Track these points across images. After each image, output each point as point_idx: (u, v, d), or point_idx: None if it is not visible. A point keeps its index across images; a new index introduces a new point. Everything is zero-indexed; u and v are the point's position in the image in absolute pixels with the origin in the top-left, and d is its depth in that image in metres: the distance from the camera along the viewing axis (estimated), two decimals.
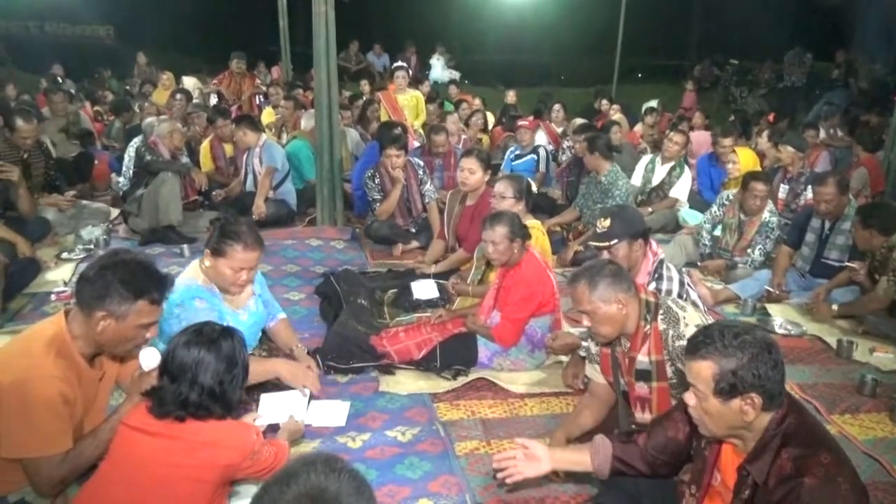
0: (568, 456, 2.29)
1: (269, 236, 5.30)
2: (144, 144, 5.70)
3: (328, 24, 5.29)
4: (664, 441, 2.11)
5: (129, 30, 14.82)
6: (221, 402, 2.03)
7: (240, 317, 2.90)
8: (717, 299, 4.53)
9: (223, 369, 2.02)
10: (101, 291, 2.06)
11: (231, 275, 2.77)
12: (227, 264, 2.75)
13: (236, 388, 2.07)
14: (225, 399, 2.04)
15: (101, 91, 10.93)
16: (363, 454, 2.73)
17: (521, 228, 3.39)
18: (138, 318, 2.11)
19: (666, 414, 2.20)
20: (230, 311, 2.87)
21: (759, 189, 4.76)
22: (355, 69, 13.95)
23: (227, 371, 2.03)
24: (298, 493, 1.18)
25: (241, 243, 2.74)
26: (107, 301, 2.06)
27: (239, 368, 2.08)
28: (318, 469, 1.20)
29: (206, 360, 2.01)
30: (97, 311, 2.06)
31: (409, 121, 7.66)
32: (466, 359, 3.43)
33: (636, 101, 11.42)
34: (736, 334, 1.76)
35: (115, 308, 2.07)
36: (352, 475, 1.23)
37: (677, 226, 6.00)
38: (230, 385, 2.04)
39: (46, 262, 4.60)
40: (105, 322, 2.07)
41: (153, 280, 2.15)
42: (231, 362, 2.05)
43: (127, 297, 2.07)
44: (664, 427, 2.12)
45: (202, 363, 2.00)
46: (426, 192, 5.42)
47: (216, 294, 2.82)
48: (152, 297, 2.12)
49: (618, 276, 2.47)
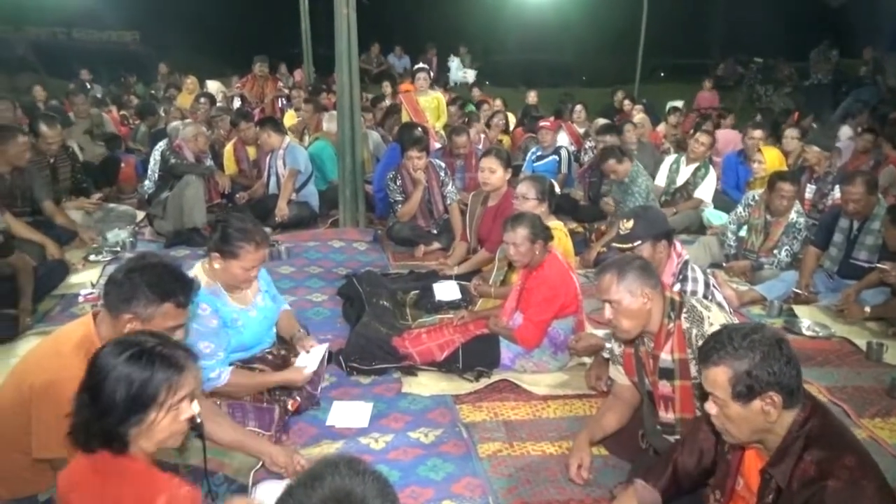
0: None
1: (292, 238, 5.37)
2: (169, 148, 5.78)
3: (350, 26, 5.32)
4: (695, 463, 2.08)
5: (154, 35, 15.06)
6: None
7: (249, 313, 2.91)
8: (742, 301, 4.47)
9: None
10: (127, 294, 2.09)
11: (243, 274, 2.79)
12: (239, 265, 2.76)
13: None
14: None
15: (127, 95, 11.11)
16: (386, 455, 2.73)
17: (542, 230, 3.38)
18: (164, 321, 2.12)
19: (695, 426, 2.18)
20: (238, 308, 2.87)
21: (785, 190, 4.69)
22: (377, 71, 14.01)
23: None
24: (324, 496, 1.17)
25: (252, 243, 2.75)
26: (133, 304, 2.08)
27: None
28: (342, 472, 1.20)
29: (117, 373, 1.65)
30: (124, 314, 2.09)
31: (431, 122, 7.67)
32: (489, 360, 3.42)
33: (659, 100, 11.33)
34: (744, 335, 1.74)
35: (141, 310, 2.09)
36: (376, 477, 1.23)
37: (701, 226, 5.93)
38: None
39: (74, 264, 4.68)
40: (132, 324, 2.09)
41: (179, 283, 2.17)
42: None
43: (153, 299, 2.09)
44: (693, 440, 2.10)
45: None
46: (448, 194, 5.42)
47: (221, 295, 2.81)
48: (178, 300, 2.14)
49: (646, 270, 2.46)
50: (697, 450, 2.08)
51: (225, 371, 2.74)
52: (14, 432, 2.04)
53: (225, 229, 2.76)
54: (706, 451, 2.07)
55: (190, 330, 2.66)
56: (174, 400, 1.65)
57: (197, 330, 2.68)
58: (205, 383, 2.71)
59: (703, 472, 2.10)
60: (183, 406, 1.69)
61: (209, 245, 2.84)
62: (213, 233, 2.83)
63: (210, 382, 2.72)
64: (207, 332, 2.70)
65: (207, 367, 2.69)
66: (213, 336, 2.71)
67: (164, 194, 5.52)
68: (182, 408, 1.69)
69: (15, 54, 12.95)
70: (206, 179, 5.68)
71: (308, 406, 3.02)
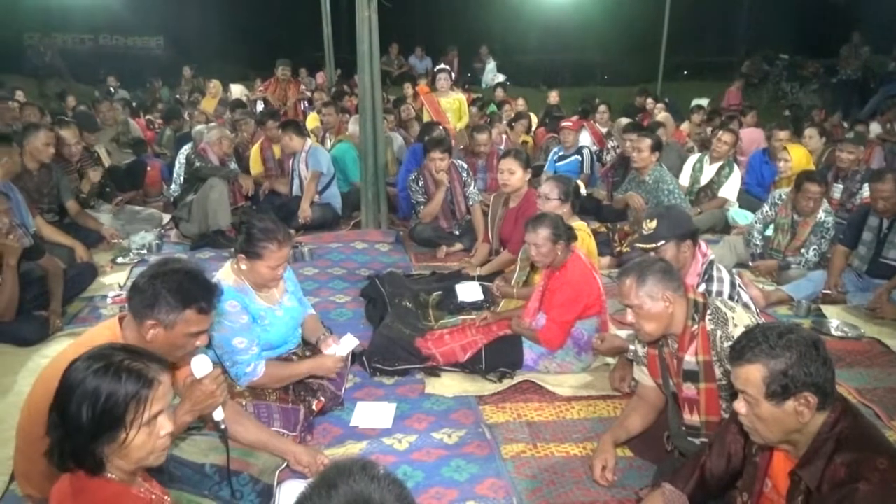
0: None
1: (315, 240, 5.41)
2: (194, 151, 5.85)
3: (371, 28, 5.34)
4: (724, 466, 2.07)
5: (178, 40, 15.27)
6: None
7: (275, 312, 2.94)
8: (769, 301, 4.41)
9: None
10: (150, 301, 2.10)
11: (269, 273, 2.82)
12: (264, 265, 2.79)
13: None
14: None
15: (152, 100, 11.27)
16: (409, 456, 2.73)
17: (564, 230, 3.36)
18: (187, 327, 2.13)
19: (724, 427, 2.15)
20: (266, 307, 2.90)
21: (812, 190, 4.62)
22: (398, 73, 14.06)
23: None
24: (345, 500, 1.15)
25: (275, 242, 2.77)
26: (156, 310, 2.09)
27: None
28: (357, 477, 1.17)
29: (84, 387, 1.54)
30: (147, 320, 2.10)
31: (452, 123, 7.67)
32: (512, 361, 3.41)
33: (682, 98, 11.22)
34: (780, 334, 1.72)
35: (163, 317, 2.09)
36: (392, 481, 1.21)
37: (726, 226, 5.87)
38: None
39: (102, 267, 4.76)
40: (154, 330, 2.10)
41: (201, 289, 2.17)
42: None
43: (175, 306, 2.10)
44: (721, 448, 2.08)
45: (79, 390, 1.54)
46: (470, 195, 5.42)
47: (249, 293, 2.85)
48: (200, 306, 2.14)
49: (668, 273, 2.43)
50: (726, 452, 2.06)
51: (260, 364, 2.78)
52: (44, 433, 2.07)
53: (249, 231, 2.79)
54: (735, 453, 2.04)
55: (222, 327, 2.70)
56: (146, 417, 1.54)
57: (229, 327, 2.71)
58: (241, 378, 2.76)
59: (732, 475, 2.07)
60: (159, 422, 1.58)
61: (235, 247, 2.87)
62: (238, 235, 2.86)
63: (246, 377, 2.76)
64: (239, 328, 2.74)
65: (242, 362, 2.74)
66: (245, 332, 2.75)
67: (190, 197, 5.59)
68: (159, 423, 1.58)
69: (43, 61, 13.19)
70: (230, 182, 5.73)
71: (332, 406, 3.04)
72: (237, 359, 2.73)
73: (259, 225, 2.80)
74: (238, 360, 2.73)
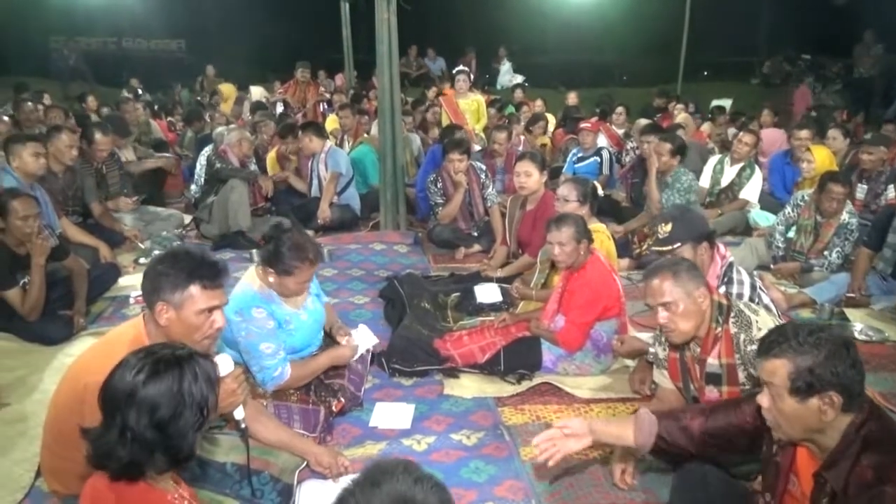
0: (610, 429, 2.19)
1: (334, 241, 5.43)
2: (214, 153, 5.90)
3: (391, 30, 5.36)
4: (724, 426, 2.05)
5: (199, 43, 15.42)
6: (166, 455, 1.58)
7: (300, 316, 2.96)
8: (791, 304, 4.36)
9: (167, 410, 1.55)
10: (154, 283, 2.13)
11: (297, 287, 2.84)
12: (293, 281, 2.79)
13: (187, 433, 1.59)
14: (173, 450, 1.58)
15: (173, 102, 11.39)
16: (428, 457, 2.74)
17: (586, 231, 3.35)
18: (194, 304, 2.13)
19: (734, 401, 2.13)
20: (290, 311, 2.91)
21: (836, 191, 4.56)
22: (416, 74, 14.08)
23: (173, 412, 1.56)
24: (389, 500, 1.15)
25: (306, 262, 2.76)
26: (161, 291, 2.11)
27: (188, 409, 1.58)
28: (400, 478, 1.18)
29: (146, 396, 1.55)
30: (157, 304, 2.12)
31: (471, 125, 7.67)
32: (530, 363, 3.40)
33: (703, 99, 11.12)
34: (811, 332, 1.71)
35: (169, 296, 2.11)
36: (436, 485, 1.21)
37: (747, 228, 5.81)
38: (175, 431, 1.56)
39: (125, 267, 4.82)
40: (167, 314, 2.12)
41: (201, 265, 2.17)
42: (179, 400, 1.57)
43: (178, 283, 2.11)
44: (728, 414, 2.06)
45: (138, 400, 1.55)
46: (488, 196, 5.42)
47: (274, 299, 2.86)
48: (203, 281, 2.14)
49: (696, 270, 2.42)
50: (735, 418, 2.03)
51: (286, 367, 2.81)
52: (71, 430, 2.10)
53: (278, 248, 2.73)
54: (742, 424, 2.02)
55: (249, 333, 2.73)
56: None
57: (256, 332, 2.74)
58: (268, 382, 2.79)
59: (729, 443, 2.05)
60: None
61: (262, 258, 2.83)
62: (265, 246, 2.81)
63: (273, 381, 2.79)
64: (266, 333, 2.76)
65: (270, 367, 2.76)
66: (271, 337, 2.77)
67: (210, 199, 5.65)
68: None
69: (67, 64, 13.39)
70: (250, 183, 5.78)
71: (351, 407, 3.06)
72: (264, 363, 2.76)
73: (289, 243, 2.74)
74: (265, 364, 2.76)
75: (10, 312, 3.66)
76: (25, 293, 3.65)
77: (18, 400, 3.16)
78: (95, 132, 5.43)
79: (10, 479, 2.59)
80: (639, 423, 2.14)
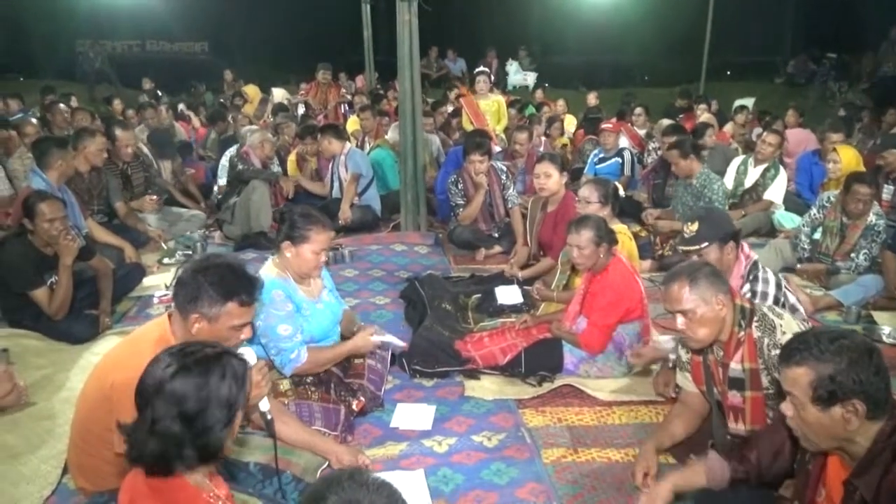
0: (686, 482, 2.19)
1: (355, 242, 5.45)
2: (237, 154, 5.95)
3: (412, 32, 5.37)
4: (770, 459, 2.03)
5: (221, 45, 15.59)
6: (194, 450, 1.58)
7: (316, 305, 3.00)
8: (817, 306, 4.29)
9: (193, 404, 1.57)
10: (193, 294, 2.15)
11: (314, 258, 2.89)
12: (310, 248, 2.86)
13: (213, 428, 1.59)
14: (200, 445, 1.58)
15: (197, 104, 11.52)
16: (449, 458, 2.74)
17: (607, 233, 3.33)
18: (229, 320, 2.18)
19: (772, 427, 2.11)
20: (307, 299, 2.96)
21: (862, 192, 4.48)
22: (436, 76, 14.10)
23: (200, 407, 1.57)
24: None
25: (319, 224, 2.88)
26: (199, 304, 2.15)
27: (215, 404, 1.59)
28: (346, 486, 1.20)
29: (173, 389, 1.57)
30: (191, 314, 2.16)
31: (491, 126, 7.66)
32: (552, 365, 3.39)
33: (725, 99, 11.01)
34: (832, 339, 1.68)
35: (206, 310, 2.15)
36: (382, 485, 1.22)
37: (772, 229, 5.73)
38: (202, 425, 1.58)
39: (149, 267, 4.88)
40: (199, 324, 2.16)
41: (242, 282, 2.21)
42: (206, 395, 1.58)
43: (217, 299, 2.15)
44: (772, 441, 2.04)
45: (165, 393, 1.57)
46: (509, 198, 5.40)
47: (291, 284, 2.92)
48: (241, 298, 2.19)
49: (717, 276, 2.39)
50: (774, 448, 2.02)
51: (303, 350, 2.84)
52: (98, 427, 2.14)
53: (291, 218, 2.90)
54: (782, 452, 2.00)
55: (268, 315, 2.77)
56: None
57: (275, 315, 2.78)
58: (286, 365, 2.83)
59: (776, 472, 2.03)
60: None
61: (279, 237, 2.93)
62: (281, 225, 2.95)
63: (291, 363, 2.83)
64: (284, 315, 2.80)
65: (287, 349, 2.80)
66: (289, 320, 2.81)
67: (233, 200, 5.70)
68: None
69: (93, 67, 13.58)
70: (271, 184, 5.83)
71: (372, 407, 3.07)
72: (282, 346, 2.80)
73: (300, 211, 2.93)
74: (283, 346, 2.80)
75: (37, 312, 3.72)
76: (52, 293, 3.71)
77: (46, 398, 3.20)
78: (116, 129, 5.51)
79: (38, 475, 2.63)
80: (711, 470, 2.13)
